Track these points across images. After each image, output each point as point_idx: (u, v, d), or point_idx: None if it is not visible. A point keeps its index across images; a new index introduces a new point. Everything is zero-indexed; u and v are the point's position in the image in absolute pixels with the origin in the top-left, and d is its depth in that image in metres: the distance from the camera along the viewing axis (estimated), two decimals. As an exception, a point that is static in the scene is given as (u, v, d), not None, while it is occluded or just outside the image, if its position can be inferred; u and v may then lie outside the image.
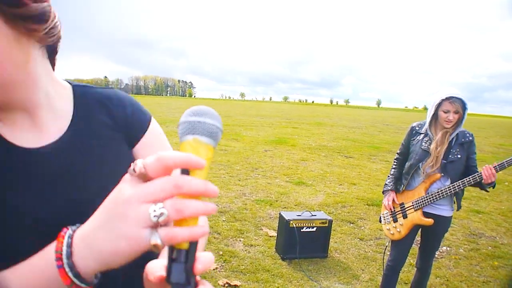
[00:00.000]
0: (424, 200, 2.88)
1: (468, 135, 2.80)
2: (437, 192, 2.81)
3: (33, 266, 0.54)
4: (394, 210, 3.09)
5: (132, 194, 0.46)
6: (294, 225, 4.03)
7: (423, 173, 2.87)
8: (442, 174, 2.82)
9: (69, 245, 0.50)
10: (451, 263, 4.38)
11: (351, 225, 5.38)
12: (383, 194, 3.20)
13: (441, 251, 4.72)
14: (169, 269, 0.47)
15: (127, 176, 0.49)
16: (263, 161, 9.63)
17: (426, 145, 2.87)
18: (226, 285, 3.48)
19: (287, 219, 4.06)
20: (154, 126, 0.93)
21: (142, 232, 0.45)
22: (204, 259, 0.49)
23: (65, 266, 0.49)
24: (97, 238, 0.47)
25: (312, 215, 4.22)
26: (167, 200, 0.45)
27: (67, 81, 0.87)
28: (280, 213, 4.31)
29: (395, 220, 3.07)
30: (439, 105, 2.74)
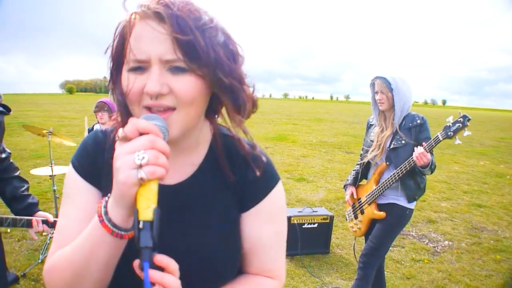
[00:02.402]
0: (374, 193, 2.76)
1: (416, 118, 2.62)
2: (383, 183, 2.69)
3: (86, 232, 0.73)
4: (355, 206, 3.00)
5: (119, 151, 0.65)
6: (296, 222, 4.02)
7: (374, 164, 2.78)
8: (388, 164, 2.69)
9: (105, 206, 0.70)
10: (453, 258, 4.37)
11: (353, 220, 5.38)
12: (344, 189, 3.12)
13: (443, 245, 4.71)
14: (138, 237, 0.61)
15: (117, 143, 0.68)
16: (263, 158, 9.60)
17: (373, 134, 2.81)
18: (228, 282, 3.47)
19: (288, 215, 4.04)
20: (275, 196, 0.91)
21: (130, 172, 0.63)
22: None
23: (105, 220, 0.69)
24: (114, 191, 0.67)
25: (314, 211, 4.21)
26: (148, 150, 0.63)
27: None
28: (281, 210, 4.29)
29: (356, 217, 3.00)
30: (373, 88, 2.73)
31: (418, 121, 2.61)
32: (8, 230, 4.46)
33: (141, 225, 0.62)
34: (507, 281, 3.89)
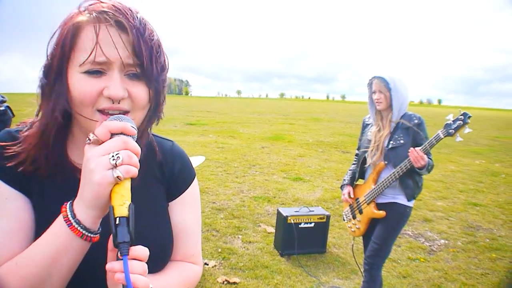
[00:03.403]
0: (373, 192, 2.76)
1: (414, 118, 2.66)
2: (382, 182, 2.69)
3: (44, 240, 0.71)
4: (352, 206, 3.00)
5: (91, 153, 0.66)
6: (292, 221, 4.03)
7: (370, 162, 2.79)
8: (386, 163, 2.72)
9: (71, 209, 0.69)
10: (449, 256, 4.40)
11: (349, 220, 5.39)
12: (341, 189, 3.12)
13: (439, 244, 4.74)
14: (115, 233, 0.63)
15: (87, 146, 0.69)
16: (260, 158, 9.63)
17: (371, 133, 2.81)
18: (225, 282, 3.48)
19: (285, 215, 4.06)
20: (194, 186, 1.03)
21: (106, 172, 0.64)
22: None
23: (73, 223, 0.68)
24: (84, 193, 0.67)
25: (310, 210, 4.22)
26: (122, 150, 0.66)
27: None
28: (278, 209, 4.31)
29: (354, 217, 2.99)
30: (370, 88, 2.75)
31: (416, 121, 2.64)
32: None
33: (117, 221, 0.64)
34: (502, 279, 3.91)
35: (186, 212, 0.99)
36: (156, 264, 0.89)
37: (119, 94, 0.74)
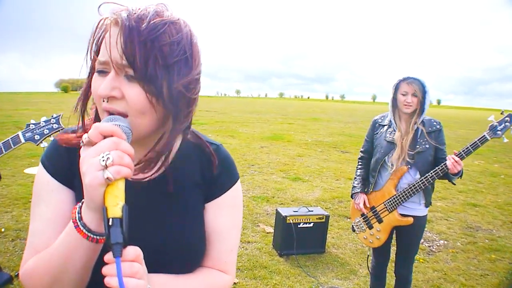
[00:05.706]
0: (397, 199, 2.64)
1: (435, 123, 2.61)
2: (409, 188, 2.58)
3: (62, 237, 0.76)
4: (366, 216, 2.86)
5: (84, 155, 0.67)
6: (291, 221, 4.01)
7: (390, 167, 2.64)
8: (409, 167, 2.61)
9: (79, 212, 0.72)
10: (449, 257, 4.39)
11: (348, 220, 5.38)
12: (351, 198, 2.96)
13: (438, 245, 4.73)
14: (108, 234, 0.63)
15: (82, 148, 0.69)
16: (259, 158, 9.62)
17: (390, 136, 2.68)
18: (224, 282, 3.46)
19: (284, 215, 4.05)
20: (234, 191, 1.00)
21: (96, 174, 0.64)
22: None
23: (79, 225, 0.71)
24: (85, 196, 0.69)
25: (309, 210, 4.21)
26: (113, 151, 0.65)
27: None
28: (277, 209, 4.30)
29: (370, 227, 2.84)
30: (396, 87, 2.59)
31: (438, 127, 2.61)
32: (2, 230, 4.42)
33: (110, 222, 0.64)
34: (502, 280, 3.91)
35: (220, 216, 0.97)
36: (186, 265, 0.92)
37: (103, 92, 0.73)
